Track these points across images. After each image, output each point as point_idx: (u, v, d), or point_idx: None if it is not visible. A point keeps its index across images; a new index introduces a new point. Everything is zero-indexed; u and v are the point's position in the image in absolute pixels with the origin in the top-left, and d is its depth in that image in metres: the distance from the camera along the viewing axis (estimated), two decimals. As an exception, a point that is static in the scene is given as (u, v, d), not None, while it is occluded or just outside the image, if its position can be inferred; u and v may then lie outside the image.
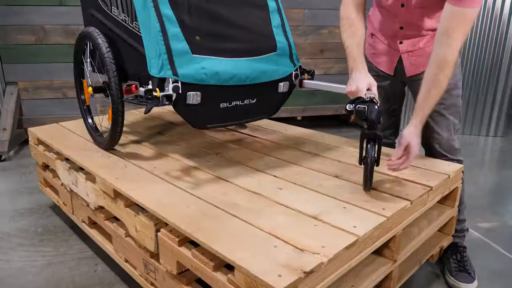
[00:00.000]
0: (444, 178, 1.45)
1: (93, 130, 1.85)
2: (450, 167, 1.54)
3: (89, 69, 1.82)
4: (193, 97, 1.35)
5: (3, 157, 2.93)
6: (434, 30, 1.51)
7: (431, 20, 1.48)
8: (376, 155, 1.28)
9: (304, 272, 0.91)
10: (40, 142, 2.02)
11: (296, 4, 3.42)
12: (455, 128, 1.61)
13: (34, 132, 2.04)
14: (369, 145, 1.27)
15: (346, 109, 1.26)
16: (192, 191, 1.34)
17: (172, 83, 1.30)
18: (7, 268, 1.73)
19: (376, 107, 1.23)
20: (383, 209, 1.21)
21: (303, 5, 3.43)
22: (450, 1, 1.29)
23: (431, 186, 1.37)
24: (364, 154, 1.30)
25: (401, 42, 1.57)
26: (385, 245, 1.24)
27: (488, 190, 2.58)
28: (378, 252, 1.26)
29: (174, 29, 1.33)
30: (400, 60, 1.61)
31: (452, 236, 1.66)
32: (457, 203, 1.59)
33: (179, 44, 1.33)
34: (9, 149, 2.97)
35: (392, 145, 1.87)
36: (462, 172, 1.60)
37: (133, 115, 2.39)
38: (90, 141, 1.87)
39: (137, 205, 1.35)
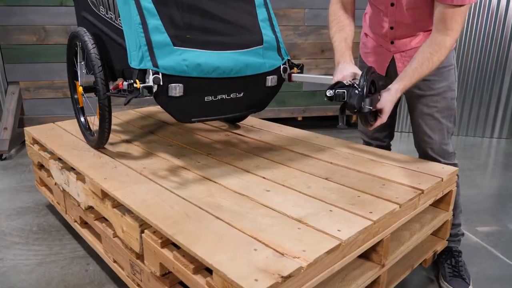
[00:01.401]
0: (437, 181, 1.42)
1: (85, 129, 1.85)
2: (444, 170, 1.51)
3: (83, 71, 1.83)
4: (175, 89, 1.33)
5: (3, 156, 2.95)
6: (426, 30, 1.48)
7: (423, 21, 1.45)
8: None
9: (282, 277, 0.89)
10: (35, 141, 2.02)
11: (296, 3, 3.40)
12: (449, 131, 1.58)
13: (30, 131, 2.05)
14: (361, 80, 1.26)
15: (326, 95, 1.25)
16: (178, 192, 1.33)
17: (153, 74, 1.29)
18: (0, 267, 1.74)
19: (357, 91, 1.21)
20: (370, 212, 1.19)
21: (303, 5, 3.40)
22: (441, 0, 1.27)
23: (422, 189, 1.34)
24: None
25: (392, 42, 1.54)
26: (373, 249, 1.22)
27: (490, 194, 2.53)
28: (365, 256, 1.24)
29: (154, 22, 1.33)
30: (392, 61, 1.59)
31: (447, 240, 1.63)
32: (451, 207, 1.56)
33: (160, 36, 1.33)
34: (10, 148, 2.99)
35: (387, 148, 1.84)
36: (457, 175, 1.57)
37: (129, 114, 2.39)
38: (84, 141, 1.87)
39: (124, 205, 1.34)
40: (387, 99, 1.34)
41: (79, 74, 1.85)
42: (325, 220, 1.14)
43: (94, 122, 1.90)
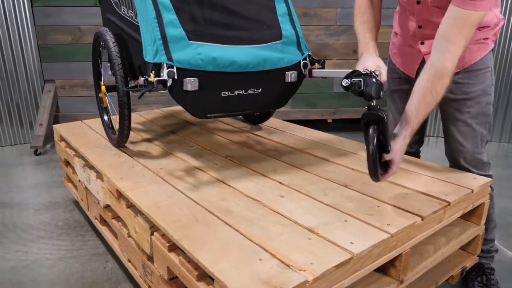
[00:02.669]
0: (466, 193, 1.32)
1: (108, 128, 1.88)
2: (475, 181, 1.40)
3: (109, 72, 1.86)
4: (190, 83, 1.31)
5: (38, 151, 3.07)
6: None
7: None
8: (377, 141, 1.11)
9: (284, 290, 0.85)
10: (62, 138, 2.08)
11: (328, 2, 3.31)
12: (483, 139, 1.46)
13: (58, 128, 2.11)
14: (370, 129, 1.11)
15: (342, 85, 1.16)
16: (190, 194, 1.31)
17: (167, 68, 1.28)
18: (24, 259, 1.79)
19: (374, 80, 1.11)
20: (388, 224, 1.11)
21: (335, 4, 3.31)
22: (454, 1, 1.16)
23: (449, 202, 1.25)
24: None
25: (422, 43, 1.44)
26: (391, 263, 1.14)
27: (532, 206, 2.35)
28: (383, 270, 1.16)
29: (170, 16, 1.33)
30: (422, 62, 1.49)
31: (478, 256, 1.51)
32: (483, 221, 1.44)
33: (175, 31, 1.32)
34: (45, 143, 3.11)
35: (415, 155, 1.74)
36: (491, 187, 1.45)
37: (153, 113, 2.41)
38: (107, 139, 1.90)
39: (137, 206, 1.34)
40: (396, 148, 1.16)
41: (102, 73, 1.87)
42: (338, 231, 1.08)
43: (117, 120, 1.93)
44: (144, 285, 1.37)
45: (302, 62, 1.55)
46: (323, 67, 1.61)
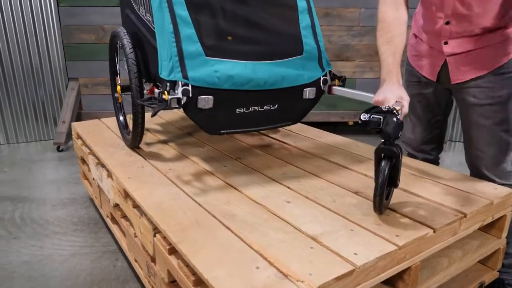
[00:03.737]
0: (485, 204, 1.24)
1: (123, 128, 1.89)
2: (496, 191, 1.31)
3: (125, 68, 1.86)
4: (205, 102, 1.29)
5: (61, 148, 3.14)
6: (491, 30, 1.28)
7: (488, 14, 1.25)
8: (388, 175, 1.10)
9: (278, 302, 0.81)
10: (79, 136, 2.11)
11: (351, 2, 3.23)
12: (509, 147, 1.37)
13: (75, 126, 2.14)
14: (383, 162, 1.11)
15: (360, 118, 1.11)
16: (195, 197, 1.29)
17: (182, 86, 1.25)
18: (38, 254, 1.83)
19: (395, 119, 1.07)
20: (397, 235, 1.06)
21: (359, 4, 3.23)
22: None
23: (465, 213, 1.18)
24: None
25: (446, 43, 1.36)
26: (399, 275, 1.08)
27: None
28: (390, 282, 1.11)
29: (188, 31, 1.29)
30: (444, 65, 1.41)
31: (498, 271, 1.42)
32: (504, 234, 1.36)
33: (192, 46, 1.28)
34: (67, 140, 3.18)
35: (434, 162, 1.66)
36: (514, 198, 1.36)
37: (172, 114, 2.41)
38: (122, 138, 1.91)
39: (143, 206, 1.33)
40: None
41: (118, 73, 1.88)
42: (343, 241, 1.03)
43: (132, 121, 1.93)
44: (149, 285, 1.36)
45: (322, 78, 1.50)
46: (343, 84, 1.56)
